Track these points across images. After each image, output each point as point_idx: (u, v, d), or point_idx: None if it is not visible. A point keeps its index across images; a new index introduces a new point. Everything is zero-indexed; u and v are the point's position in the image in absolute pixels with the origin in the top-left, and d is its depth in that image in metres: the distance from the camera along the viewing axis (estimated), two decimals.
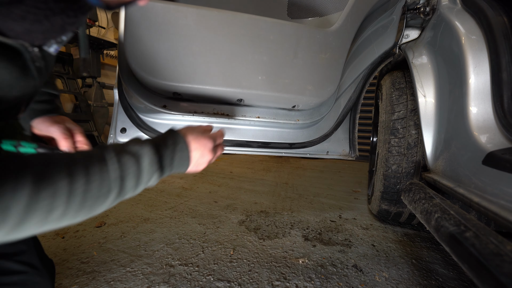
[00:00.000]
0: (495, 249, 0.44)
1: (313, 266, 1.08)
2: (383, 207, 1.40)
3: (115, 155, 0.43)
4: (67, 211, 0.38)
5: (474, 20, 0.85)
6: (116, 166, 0.42)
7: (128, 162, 0.44)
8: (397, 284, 0.97)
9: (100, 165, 0.41)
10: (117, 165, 0.43)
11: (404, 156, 1.22)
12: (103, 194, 0.41)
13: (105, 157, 0.42)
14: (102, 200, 0.42)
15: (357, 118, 1.44)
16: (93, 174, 0.40)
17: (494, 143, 0.71)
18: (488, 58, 0.78)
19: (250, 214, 1.63)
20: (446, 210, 0.64)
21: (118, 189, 0.43)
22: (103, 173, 0.41)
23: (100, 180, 0.40)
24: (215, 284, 0.94)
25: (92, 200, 0.40)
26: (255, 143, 1.37)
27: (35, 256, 0.67)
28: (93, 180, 0.40)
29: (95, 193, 0.40)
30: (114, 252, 1.13)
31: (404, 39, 1.20)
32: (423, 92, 1.03)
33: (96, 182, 0.40)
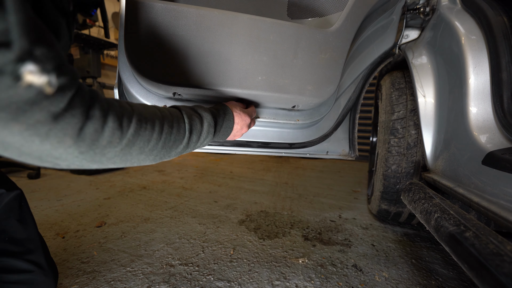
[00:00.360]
0: (495, 249, 0.44)
1: (313, 265, 1.08)
2: (383, 207, 1.40)
3: (187, 114, 0.57)
4: (156, 147, 0.48)
5: (474, 20, 0.85)
6: (188, 121, 0.56)
7: (196, 120, 0.58)
8: (396, 284, 0.97)
9: (178, 118, 0.54)
10: (188, 120, 0.56)
11: (404, 156, 1.22)
12: (178, 140, 0.53)
13: (182, 114, 0.56)
14: (177, 145, 0.53)
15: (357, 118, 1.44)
16: (175, 122, 0.52)
17: (493, 143, 0.71)
18: (488, 58, 0.78)
19: (250, 214, 1.63)
20: (445, 210, 0.64)
21: (187, 140, 0.56)
22: (180, 124, 0.53)
23: (178, 128, 0.53)
24: (215, 284, 0.94)
25: (171, 143, 0.51)
26: (255, 143, 1.37)
27: (42, 256, 0.69)
28: (174, 126, 0.52)
29: (174, 137, 0.52)
30: (115, 252, 1.13)
31: (404, 39, 1.20)
32: (423, 92, 1.03)
33: (175, 128, 0.52)
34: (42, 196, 1.88)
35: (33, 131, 0.30)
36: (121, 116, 0.40)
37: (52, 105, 0.31)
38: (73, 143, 0.34)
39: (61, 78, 0.32)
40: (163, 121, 0.49)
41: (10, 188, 0.67)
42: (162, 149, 0.49)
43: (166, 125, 0.49)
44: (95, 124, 0.36)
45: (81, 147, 0.35)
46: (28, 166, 2.43)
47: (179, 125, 0.53)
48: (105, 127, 0.37)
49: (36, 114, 0.30)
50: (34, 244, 0.67)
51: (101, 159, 0.40)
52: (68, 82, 0.33)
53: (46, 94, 0.30)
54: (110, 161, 0.41)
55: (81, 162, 0.38)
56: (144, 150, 0.45)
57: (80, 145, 0.35)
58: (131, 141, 0.42)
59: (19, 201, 0.69)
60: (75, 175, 2.56)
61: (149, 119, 0.46)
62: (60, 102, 0.32)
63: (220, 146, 1.22)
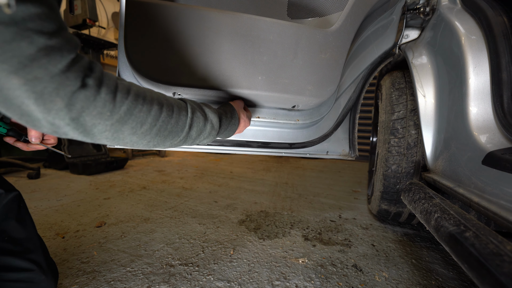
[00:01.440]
0: (495, 249, 0.44)
1: (313, 266, 1.08)
2: (383, 207, 1.40)
3: (192, 109, 0.56)
4: (149, 131, 0.48)
5: (474, 20, 0.85)
6: (191, 116, 0.55)
7: (199, 118, 0.58)
8: (397, 284, 0.97)
9: (180, 110, 0.53)
10: (191, 115, 0.56)
11: (404, 156, 1.22)
12: (175, 131, 0.52)
13: (186, 107, 0.55)
14: (173, 136, 0.53)
15: (357, 118, 1.44)
16: (175, 112, 0.52)
17: (494, 143, 0.71)
18: (488, 58, 0.78)
19: (250, 214, 1.63)
20: (446, 210, 0.64)
21: (186, 134, 0.55)
22: (181, 116, 0.53)
23: (178, 119, 0.52)
24: (215, 284, 0.94)
25: (167, 132, 0.51)
26: (255, 143, 1.37)
27: (41, 255, 0.69)
28: (174, 116, 0.51)
29: (171, 127, 0.51)
30: (114, 252, 1.13)
31: (404, 39, 1.20)
32: (423, 92, 1.03)
33: (174, 119, 0.51)
34: (42, 196, 1.88)
35: (30, 86, 0.32)
36: (116, 90, 0.41)
37: (50, 64, 0.33)
38: (64, 106, 0.36)
39: (60, 39, 0.34)
40: (162, 108, 0.48)
41: (8, 189, 0.67)
42: (156, 136, 0.49)
43: (165, 112, 0.49)
44: (87, 92, 0.37)
45: (71, 111, 0.37)
46: (28, 166, 2.43)
47: (179, 117, 0.52)
48: (98, 97, 0.38)
49: (34, 70, 0.31)
50: (33, 244, 0.68)
51: (92, 130, 0.40)
52: (67, 44, 0.35)
53: (45, 52, 0.32)
54: (102, 135, 0.42)
55: (74, 132, 0.39)
56: (136, 132, 0.46)
57: (71, 109, 0.36)
58: (123, 118, 0.42)
59: (17, 202, 0.69)
60: (75, 175, 2.56)
61: (147, 102, 0.46)
62: (58, 63, 0.34)
63: (220, 146, 1.22)
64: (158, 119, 0.48)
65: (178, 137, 0.54)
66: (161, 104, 0.49)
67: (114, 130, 0.43)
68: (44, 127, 0.37)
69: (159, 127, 0.48)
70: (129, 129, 0.44)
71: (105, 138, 0.43)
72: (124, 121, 0.43)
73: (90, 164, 2.62)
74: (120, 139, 0.45)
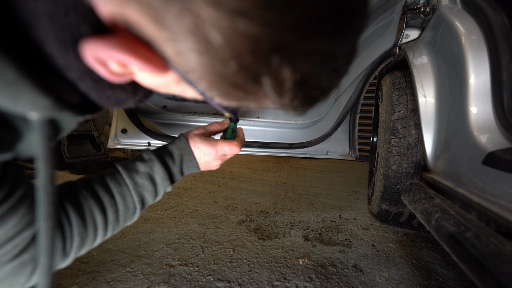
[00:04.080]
0: (495, 249, 0.43)
1: (313, 266, 1.08)
2: (383, 207, 1.40)
3: (132, 181, 0.49)
4: (106, 234, 0.47)
5: (474, 20, 0.85)
6: (135, 193, 0.49)
7: (145, 183, 0.50)
8: (397, 284, 0.97)
9: (123, 194, 0.48)
10: (135, 188, 0.49)
11: (404, 156, 1.22)
12: (130, 214, 0.49)
13: (127, 184, 0.48)
14: (131, 217, 0.50)
15: (357, 118, 1.44)
16: (120, 203, 0.47)
17: (494, 143, 0.71)
18: (488, 58, 0.78)
19: (250, 214, 1.63)
20: (446, 210, 0.64)
21: (141, 205, 0.51)
22: (127, 203, 0.48)
23: (125, 207, 0.48)
24: (215, 284, 0.94)
25: (123, 221, 0.49)
26: (255, 143, 1.37)
27: None
28: (120, 209, 0.47)
29: (124, 215, 0.48)
30: (114, 252, 1.13)
31: (404, 39, 1.20)
32: (423, 92, 1.03)
33: (122, 211, 0.48)
34: None
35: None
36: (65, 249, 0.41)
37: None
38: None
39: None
40: (106, 214, 0.46)
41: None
42: (114, 230, 0.48)
43: (111, 217, 0.46)
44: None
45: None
46: (27, 166, 2.44)
47: (126, 204, 0.48)
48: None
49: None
50: None
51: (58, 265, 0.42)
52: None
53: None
54: (66, 260, 0.44)
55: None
56: (95, 242, 0.46)
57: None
58: (78, 250, 0.44)
59: None
60: (74, 175, 2.56)
61: (90, 222, 0.44)
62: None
63: None
64: (107, 228, 0.46)
65: (137, 212, 0.51)
66: (102, 208, 0.45)
67: (75, 255, 0.44)
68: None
69: (112, 226, 0.47)
70: (88, 247, 0.45)
71: (73, 257, 0.44)
72: (80, 249, 0.44)
73: (90, 164, 2.62)
74: (85, 250, 0.46)
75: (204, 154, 0.56)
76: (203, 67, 0.20)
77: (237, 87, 0.22)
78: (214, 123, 0.60)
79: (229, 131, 0.61)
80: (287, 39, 0.18)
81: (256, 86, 0.22)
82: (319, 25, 0.19)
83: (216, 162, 0.59)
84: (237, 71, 0.20)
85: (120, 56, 0.21)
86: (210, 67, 0.20)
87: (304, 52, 0.20)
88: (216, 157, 0.57)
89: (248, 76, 0.21)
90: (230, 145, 0.57)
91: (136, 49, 0.21)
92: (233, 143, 0.57)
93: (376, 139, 1.90)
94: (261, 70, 0.20)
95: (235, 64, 0.20)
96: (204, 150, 0.56)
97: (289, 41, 0.19)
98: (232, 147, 0.57)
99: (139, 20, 0.19)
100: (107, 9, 0.20)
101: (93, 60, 0.22)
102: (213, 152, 0.57)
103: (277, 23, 0.18)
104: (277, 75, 0.21)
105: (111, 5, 0.19)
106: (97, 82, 0.26)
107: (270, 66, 0.20)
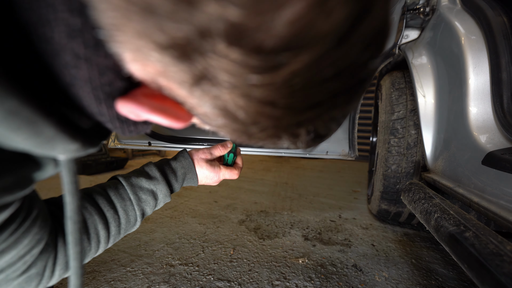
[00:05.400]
0: (495, 249, 0.44)
1: (313, 265, 1.08)
2: (383, 207, 1.40)
3: (136, 196, 0.51)
4: (107, 246, 0.49)
5: (473, 20, 0.85)
6: (138, 207, 0.51)
7: (148, 199, 0.53)
8: (396, 284, 0.97)
9: (126, 209, 0.50)
10: (138, 203, 0.51)
11: (404, 156, 1.22)
12: (131, 226, 0.52)
13: (130, 199, 0.51)
14: (131, 228, 0.52)
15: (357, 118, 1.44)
16: (122, 217, 0.49)
17: (493, 143, 0.71)
18: (487, 58, 0.78)
19: (250, 214, 1.63)
20: (445, 210, 0.64)
21: (141, 218, 0.53)
22: (129, 216, 0.50)
23: (127, 220, 0.50)
24: (215, 284, 0.94)
25: (124, 232, 0.51)
26: None
27: None
28: (122, 222, 0.49)
29: (125, 227, 0.50)
30: (114, 251, 1.13)
31: (404, 40, 1.20)
32: (423, 92, 1.03)
33: (124, 224, 0.50)
34: (42, 196, 1.87)
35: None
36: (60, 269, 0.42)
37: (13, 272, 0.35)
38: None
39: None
40: (109, 228, 0.47)
41: None
42: (116, 239, 0.50)
43: (113, 229, 0.48)
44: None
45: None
46: None
47: (128, 217, 0.50)
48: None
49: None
50: None
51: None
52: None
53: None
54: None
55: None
56: (94, 255, 0.47)
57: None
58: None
59: None
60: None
61: (92, 246, 0.45)
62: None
63: None
64: (109, 240, 0.48)
65: (137, 223, 0.53)
66: (106, 222, 0.47)
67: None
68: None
69: (114, 238, 0.49)
70: (89, 258, 0.47)
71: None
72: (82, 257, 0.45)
73: (90, 164, 2.62)
74: (86, 260, 0.47)
75: (207, 177, 0.63)
76: (227, 126, 0.23)
77: (256, 139, 0.25)
78: (218, 146, 0.65)
79: (230, 157, 0.69)
80: (307, 116, 0.21)
81: (274, 140, 0.25)
82: (334, 100, 0.21)
83: (214, 183, 0.66)
84: (258, 133, 0.23)
85: (152, 115, 0.23)
86: (233, 127, 0.23)
87: (321, 119, 0.23)
88: (216, 180, 0.65)
89: (268, 136, 0.24)
90: (231, 173, 0.66)
91: (166, 108, 0.24)
92: (234, 172, 0.66)
93: (375, 139, 1.90)
94: (280, 134, 0.23)
95: (257, 130, 0.22)
96: (208, 174, 0.63)
97: (308, 117, 0.21)
98: (232, 174, 0.66)
99: (169, 86, 0.21)
100: (138, 75, 0.22)
101: (127, 113, 0.25)
102: (215, 178, 0.64)
103: (297, 107, 0.20)
104: (294, 133, 0.24)
105: (142, 74, 0.21)
106: (124, 123, 0.28)
107: (289, 132, 0.23)
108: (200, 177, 0.62)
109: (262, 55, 0.16)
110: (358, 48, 0.18)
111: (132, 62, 0.20)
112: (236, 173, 0.67)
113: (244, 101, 0.19)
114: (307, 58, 0.16)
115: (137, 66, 0.20)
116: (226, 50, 0.16)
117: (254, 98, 0.18)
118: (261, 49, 0.15)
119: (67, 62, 0.21)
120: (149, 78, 0.22)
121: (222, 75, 0.17)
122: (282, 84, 0.18)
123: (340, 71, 0.18)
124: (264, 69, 0.17)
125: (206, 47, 0.16)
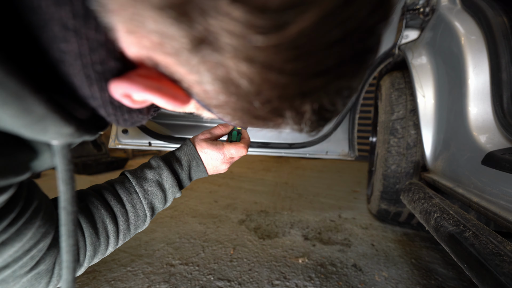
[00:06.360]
0: (494, 249, 0.44)
1: (312, 265, 1.08)
2: (383, 207, 1.40)
3: (142, 188, 0.49)
4: (118, 243, 0.47)
5: (473, 20, 0.85)
6: (145, 200, 0.49)
7: (154, 190, 0.50)
8: (396, 284, 0.98)
9: (133, 202, 0.48)
10: (145, 196, 0.49)
11: (404, 156, 1.22)
12: (140, 222, 0.50)
13: (136, 191, 0.49)
14: (141, 225, 0.50)
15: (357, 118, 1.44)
16: (130, 211, 0.48)
17: (493, 143, 0.71)
18: (487, 58, 0.78)
19: (250, 214, 1.64)
20: (445, 210, 0.64)
21: (151, 213, 0.51)
22: (138, 211, 0.48)
23: (136, 215, 0.48)
24: (215, 284, 0.94)
25: (134, 228, 0.49)
26: (255, 143, 1.37)
27: None
28: (130, 217, 0.48)
29: (135, 223, 0.49)
30: (115, 251, 1.13)
31: (404, 40, 1.20)
32: (423, 93, 1.03)
33: (132, 219, 0.48)
34: None
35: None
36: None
37: (21, 269, 0.34)
38: None
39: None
40: (117, 223, 0.46)
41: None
42: (126, 237, 0.49)
43: (122, 225, 0.47)
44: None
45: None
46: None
47: (136, 212, 0.48)
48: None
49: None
50: None
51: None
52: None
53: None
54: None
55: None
56: (104, 254, 0.47)
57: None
58: (88, 264, 0.44)
59: None
60: (75, 175, 2.56)
61: (102, 230, 0.45)
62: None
63: None
64: (118, 236, 0.47)
65: (147, 219, 0.51)
66: (114, 217, 0.46)
67: (88, 265, 0.45)
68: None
69: (123, 234, 0.47)
70: (100, 256, 0.46)
71: (86, 267, 0.45)
72: (93, 259, 0.45)
73: (90, 164, 2.62)
74: (97, 259, 0.46)
75: (212, 158, 0.56)
76: (228, 104, 0.22)
77: (259, 118, 0.24)
78: (219, 125, 0.59)
79: (234, 134, 0.61)
80: (313, 84, 0.20)
81: (278, 118, 0.24)
82: (341, 68, 0.20)
83: (224, 165, 0.58)
84: (261, 107, 0.22)
85: (147, 95, 0.22)
86: (235, 104, 0.22)
87: (326, 90, 0.21)
88: (223, 160, 0.57)
89: (271, 111, 0.22)
90: (237, 147, 0.57)
91: (162, 87, 0.22)
92: (239, 145, 0.57)
93: (375, 139, 1.90)
94: (285, 107, 0.22)
95: (260, 103, 0.21)
96: (212, 154, 0.55)
97: (314, 86, 0.20)
98: (239, 149, 0.57)
99: (166, 62, 0.20)
100: (133, 52, 0.21)
101: (120, 96, 0.23)
102: (221, 156, 0.56)
103: (304, 73, 0.19)
104: (299, 109, 0.22)
105: (137, 50, 0.20)
106: (118, 109, 0.27)
107: (294, 105, 0.22)
108: (205, 161, 0.56)
109: (267, 13, 0.15)
110: (366, 9, 0.17)
111: (126, 35, 0.19)
112: (243, 147, 0.57)
113: (248, 66, 0.18)
114: (314, 16, 0.15)
115: (132, 39, 0.19)
116: (229, 8, 0.15)
117: (258, 62, 0.17)
118: (266, 6, 0.14)
119: (56, 35, 0.20)
120: (145, 54, 0.20)
121: (224, 37, 0.16)
122: (288, 45, 0.16)
123: (348, 33, 0.17)
124: (269, 29, 0.15)
125: (208, 4, 0.15)
